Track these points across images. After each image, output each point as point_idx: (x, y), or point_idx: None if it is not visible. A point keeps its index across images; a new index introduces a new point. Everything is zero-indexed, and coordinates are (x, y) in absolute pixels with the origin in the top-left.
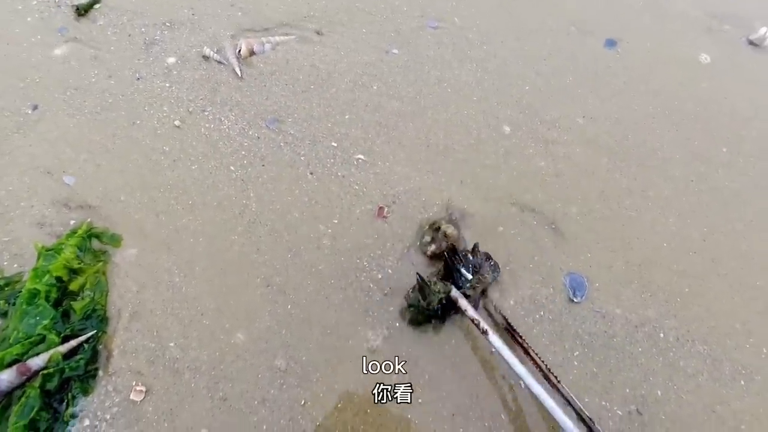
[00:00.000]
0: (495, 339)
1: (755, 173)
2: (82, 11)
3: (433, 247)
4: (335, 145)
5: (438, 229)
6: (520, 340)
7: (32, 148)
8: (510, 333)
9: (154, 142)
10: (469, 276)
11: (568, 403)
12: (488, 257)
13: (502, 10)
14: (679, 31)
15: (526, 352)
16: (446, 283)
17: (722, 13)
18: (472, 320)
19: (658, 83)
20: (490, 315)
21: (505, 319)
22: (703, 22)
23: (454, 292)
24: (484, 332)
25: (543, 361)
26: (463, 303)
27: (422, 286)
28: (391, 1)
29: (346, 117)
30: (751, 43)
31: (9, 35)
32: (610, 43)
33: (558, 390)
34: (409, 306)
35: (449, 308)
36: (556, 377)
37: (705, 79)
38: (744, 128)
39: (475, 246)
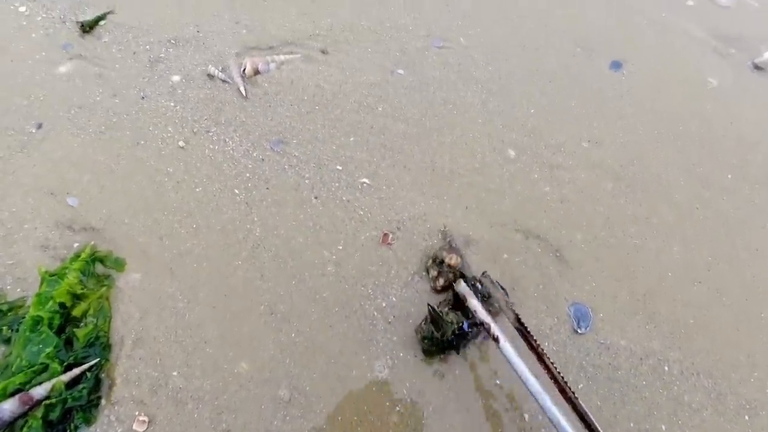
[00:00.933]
0: (507, 348)
1: (761, 200)
2: (87, 28)
3: (441, 281)
4: (340, 168)
5: (442, 262)
6: (534, 344)
7: (36, 168)
8: (522, 336)
9: (158, 163)
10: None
11: (583, 421)
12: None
13: (507, 29)
14: (684, 53)
15: (540, 359)
16: (458, 313)
17: (728, 36)
18: (482, 324)
19: (664, 106)
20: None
21: (518, 319)
22: (708, 44)
23: (462, 288)
24: (495, 339)
25: (559, 372)
26: (474, 303)
27: (435, 318)
28: (396, 19)
29: (351, 139)
30: (756, 67)
31: (14, 51)
32: (616, 65)
33: (574, 406)
34: (423, 338)
35: (463, 338)
36: (573, 392)
37: (710, 102)
38: (749, 153)
39: (484, 274)
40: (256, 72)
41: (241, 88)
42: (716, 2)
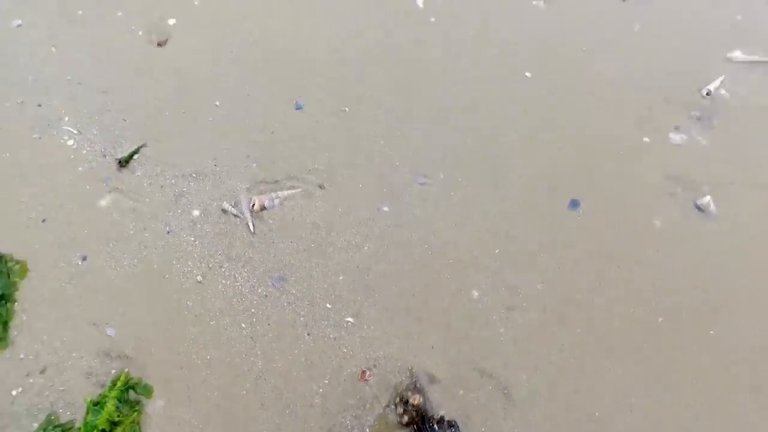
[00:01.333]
0: None
1: (684, 344)
2: (123, 162)
3: (406, 418)
4: (329, 306)
5: (407, 401)
6: None
7: (82, 299)
8: None
9: (180, 297)
10: None
11: None
12: (450, 425)
13: (483, 166)
14: (635, 191)
15: None
16: None
17: (676, 175)
18: None
19: (612, 249)
20: None
21: None
22: (657, 183)
23: None
24: None
25: None
26: None
27: None
28: (387, 154)
29: (340, 278)
30: (698, 208)
31: (62, 184)
32: (574, 204)
33: None
34: None
35: None
36: None
37: (653, 245)
38: (682, 297)
39: (441, 418)
40: (263, 208)
41: (250, 224)
42: (669, 140)
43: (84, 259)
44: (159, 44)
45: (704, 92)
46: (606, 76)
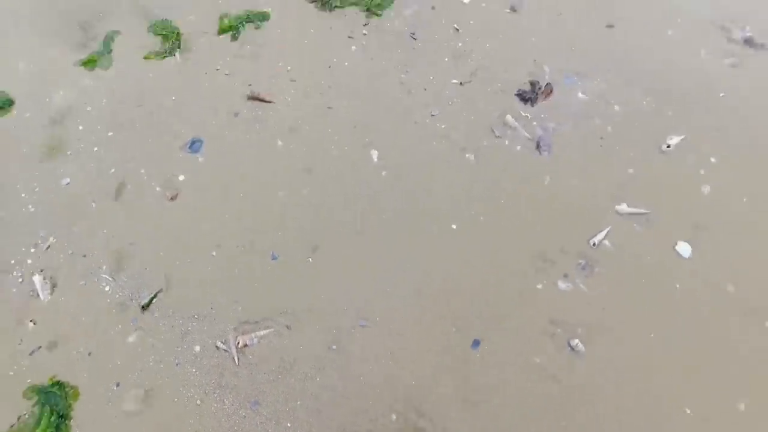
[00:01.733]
0: None
1: None
2: (145, 307)
3: None
4: (289, 425)
5: None
6: None
7: (117, 418)
8: None
9: (184, 417)
10: None
11: None
12: None
13: (407, 308)
14: (526, 334)
15: None
16: None
17: (560, 320)
18: None
19: (505, 384)
20: None
21: None
22: (544, 326)
23: None
24: None
25: None
26: None
27: None
28: (337, 299)
29: (298, 403)
30: (570, 348)
31: (102, 325)
32: (476, 343)
33: None
34: None
35: None
36: None
37: (536, 381)
38: (546, 428)
39: None
40: (245, 345)
41: (235, 358)
42: (558, 286)
43: (118, 385)
44: (171, 198)
45: (592, 243)
46: (517, 228)
